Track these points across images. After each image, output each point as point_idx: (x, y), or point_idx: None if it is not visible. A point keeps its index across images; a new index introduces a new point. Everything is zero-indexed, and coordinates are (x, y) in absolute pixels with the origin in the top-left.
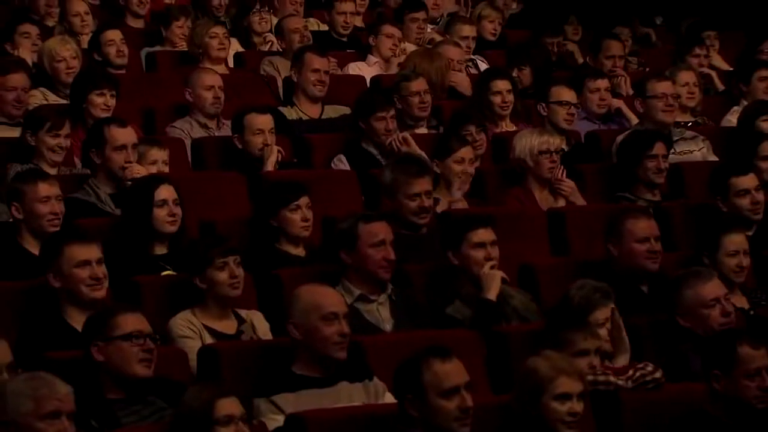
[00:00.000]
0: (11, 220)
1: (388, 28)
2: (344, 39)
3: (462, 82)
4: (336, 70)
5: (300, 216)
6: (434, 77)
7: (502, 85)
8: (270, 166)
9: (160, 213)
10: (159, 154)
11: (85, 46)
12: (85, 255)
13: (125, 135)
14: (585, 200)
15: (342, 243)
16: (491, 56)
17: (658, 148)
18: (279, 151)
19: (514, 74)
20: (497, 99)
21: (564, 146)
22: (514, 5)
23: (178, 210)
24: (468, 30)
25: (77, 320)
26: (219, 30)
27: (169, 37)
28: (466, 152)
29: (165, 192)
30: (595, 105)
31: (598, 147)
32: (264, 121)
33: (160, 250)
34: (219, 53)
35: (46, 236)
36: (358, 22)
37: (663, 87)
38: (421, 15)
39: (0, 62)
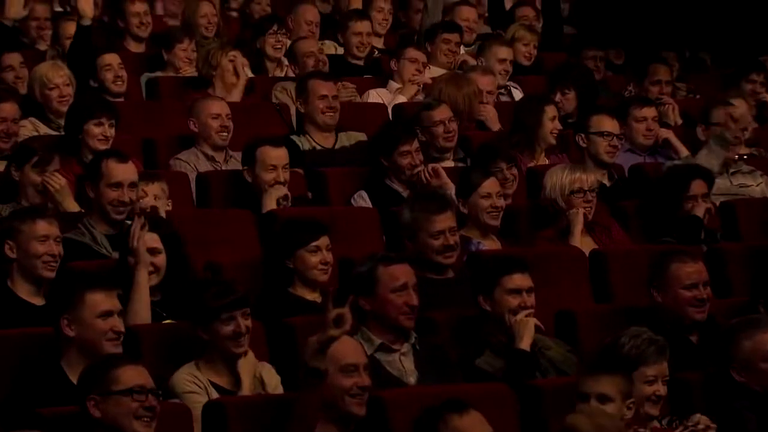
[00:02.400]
0: None
1: (412, 52)
2: (362, 63)
3: (489, 114)
4: (355, 97)
5: (319, 258)
6: (461, 105)
7: (554, 110)
8: (272, 203)
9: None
10: (150, 189)
11: None
12: (109, 305)
13: (123, 171)
14: (629, 240)
15: (360, 288)
16: (526, 82)
17: (696, 187)
18: (285, 182)
19: (557, 99)
20: (550, 126)
21: (605, 181)
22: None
23: (157, 260)
24: (505, 52)
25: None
26: (237, 54)
27: (172, 60)
28: (491, 185)
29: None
30: (640, 136)
31: (643, 182)
32: (278, 155)
33: (154, 296)
34: (234, 79)
35: (40, 281)
36: (378, 44)
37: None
38: (455, 37)
39: None
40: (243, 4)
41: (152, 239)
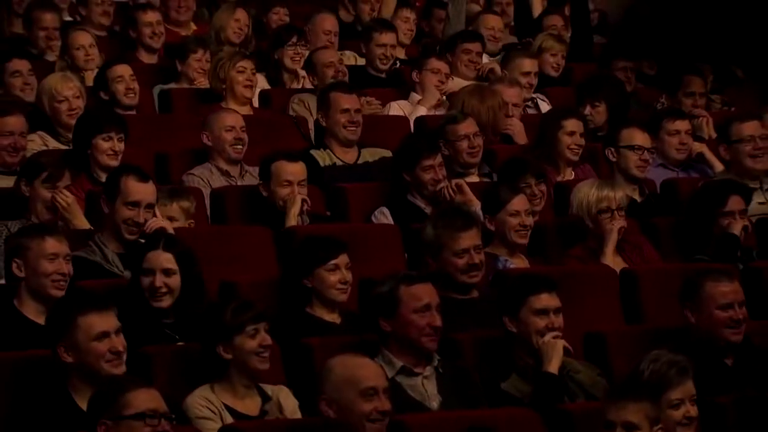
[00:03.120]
0: (3, 282)
1: (434, 63)
2: (383, 75)
3: (516, 127)
4: (378, 110)
5: (338, 277)
6: (485, 117)
7: (574, 125)
8: (292, 219)
9: (145, 282)
10: (167, 210)
11: (89, 83)
12: (104, 326)
13: (142, 191)
14: (661, 259)
15: (381, 308)
16: (554, 94)
17: (733, 203)
18: (304, 201)
19: (587, 112)
20: (568, 140)
21: (636, 197)
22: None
23: (171, 281)
24: (529, 65)
25: (87, 399)
26: (247, 64)
27: (186, 72)
28: (520, 202)
29: (155, 259)
30: (673, 150)
31: (675, 198)
32: (294, 170)
33: (167, 318)
34: (245, 91)
35: (48, 300)
36: (401, 55)
37: (750, 129)
38: (476, 47)
39: None
40: (260, 14)
41: (166, 259)
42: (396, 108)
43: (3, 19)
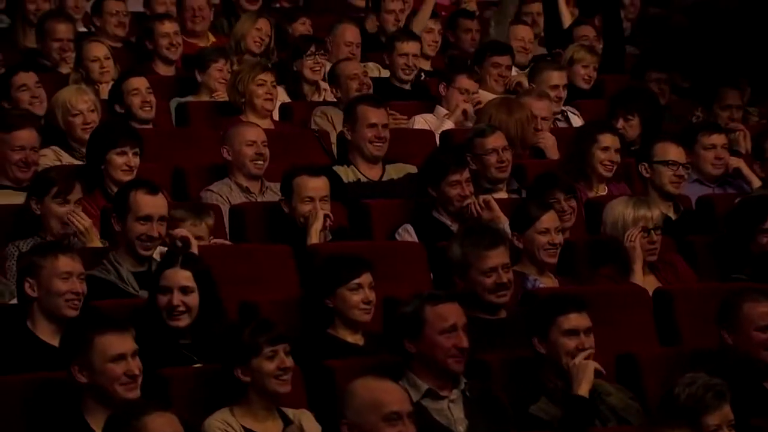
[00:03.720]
0: (16, 301)
1: (464, 81)
2: (408, 87)
3: (548, 141)
4: (403, 124)
5: (361, 297)
6: (513, 131)
7: (609, 140)
8: (314, 236)
9: (162, 301)
10: (196, 230)
11: (104, 96)
12: (121, 347)
13: (153, 204)
14: (697, 278)
15: (406, 329)
16: (585, 107)
17: None
18: (327, 217)
19: (619, 126)
20: (602, 156)
21: (671, 215)
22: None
23: (189, 300)
24: (558, 77)
25: (101, 422)
26: (267, 77)
27: (206, 83)
28: (550, 220)
29: (172, 277)
30: (709, 165)
31: (711, 215)
32: (316, 186)
33: (184, 339)
34: (266, 104)
35: (62, 320)
36: (426, 66)
37: None
38: (505, 60)
39: (5, 116)
40: (283, 24)
41: (184, 277)
42: (421, 122)
43: (18, 32)
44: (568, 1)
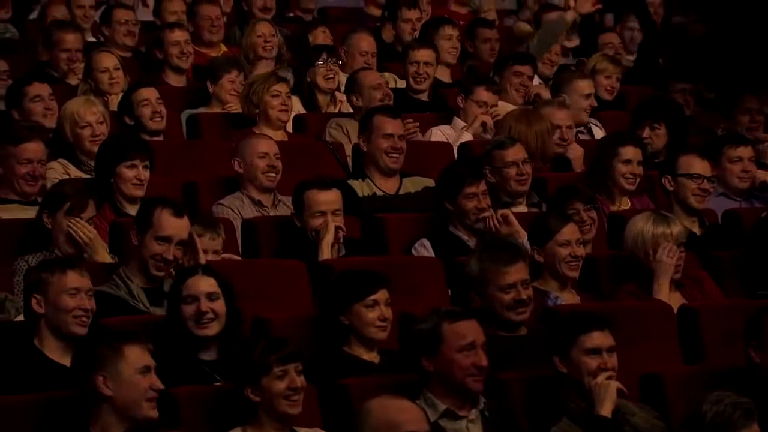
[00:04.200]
0: (22, 318)
1: (482, 93)
2: (425, 98)
3: (576, 152)
4: (416, 135)
5: (377, 314)
6: (533, 143)
7: (631, 152)
8: (326, 250)
9: (188, 311)
10: (211, 245)
11: (114, 108)
12: (147, 360)
13: (175, 227)
14: (723, 294)
15: (423, 347)
16: (608, 118)
17: None
18: (339, 229)
19: (645, 135)
20: (624, 169)
21: (696, 230)
22: (631, 57)
23: (217, 306)
24: (588, 86)
25: None
26: (282, 88)
27: (218, 94)
28: (570, 231)
29: (197, 285)
30: (735, 178)
31: (738, 229)
32: (327, 199)
33: (208, 355)
34: (281, 115)
35: (69, 338)
36: (445, 76)
37: None
38: (527, 70)
39: (12, 129)
40: (303, 33)
41: (210, 284)
42: (438, 134)
43: (38, 45)
44: None
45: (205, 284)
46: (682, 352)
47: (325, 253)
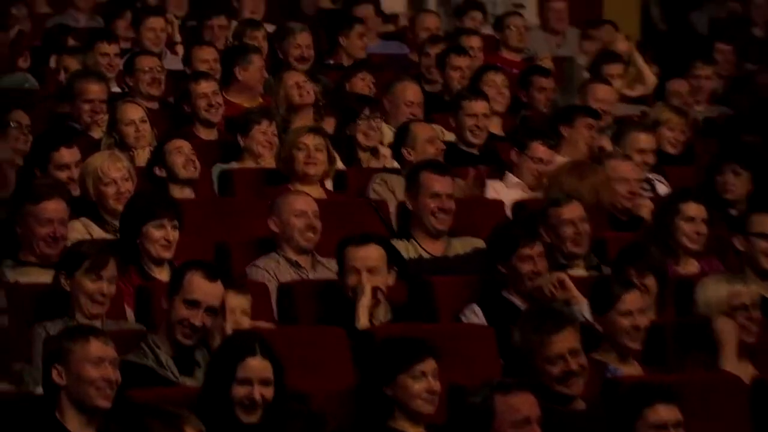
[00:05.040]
0: (42, 391)
1: (538, 148)
2: (476, 151)
3: (646, 208)
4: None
5: (424, 386)
6: (587, 198)
7: (694, 209)
8: (363, 314)
9: (239, 393)
10: (237, 301)
11: (140, 163)
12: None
13: (206, 291)
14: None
15: (474, 421)
16: (674, 174)
17: None
18: (377, 290)
19: (728, 180)
20: (687, 228)
21: None
22: (701, 107)
23: (267, 393)
24: (645, 140)
25: None
26: (309, 140)
27: (250, 146)
28: (633, 300)
29: (254, 368)
30: None
31: None
32: (363, 255)
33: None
34: (307, 169)
35: (93, 411)
36: (496, 127)
37: None
38: (594, 123)
39: (32, 186)
40: (342, 81)
41: (266, 369)
42: (490, 190)
43: (58, 95)
44: (645, 55)
45: (264, 368)
46: (754, 428)
47: (362, 317)
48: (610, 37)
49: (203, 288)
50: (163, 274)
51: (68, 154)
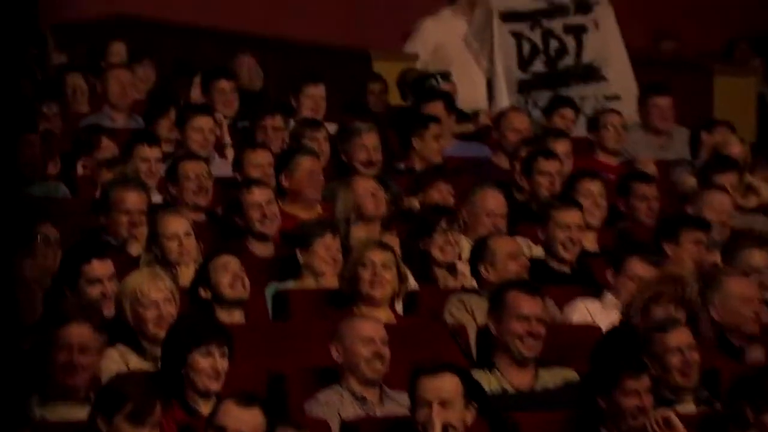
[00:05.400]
0: None
1: (638, 266)
2: (567, 269)
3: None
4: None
5: None
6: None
7: None
8: None
9: None
10: None
11: (184, 282)
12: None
13: (239, 422)
14: None
15: None
16: None
17: None
18: (449, 426)
19: None
20: None
21: None
22: None
23: None
24: (761, 258)
25: None
26: (376, 257)
27: (310, 264)
28: None
29: None
30: None
31: None
32: (437, 386)
33: None
34: (372, 292)
35: None
36: (591, 241)
37: None
38: (703, 237)
39: (58, 310)
40: (413, 192)
41: None
42: (582, 310)
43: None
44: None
45: None
46: None
47: None
48: (725, 138)
49: (235, 416)
50: (209, 409)
51: (100, 267)
